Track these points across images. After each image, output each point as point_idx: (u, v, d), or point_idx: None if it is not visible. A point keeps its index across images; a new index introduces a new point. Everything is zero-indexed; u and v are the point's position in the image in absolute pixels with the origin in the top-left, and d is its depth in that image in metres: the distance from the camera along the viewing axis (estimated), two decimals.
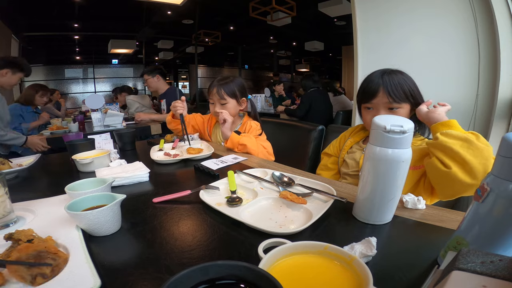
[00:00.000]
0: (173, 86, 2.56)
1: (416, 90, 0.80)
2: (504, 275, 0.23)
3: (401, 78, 0.79)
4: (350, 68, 6.27)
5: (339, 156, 0.99)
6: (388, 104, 0.79)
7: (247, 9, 4.14)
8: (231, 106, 1.24)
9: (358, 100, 0.89)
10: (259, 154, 1.09)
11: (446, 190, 0.66)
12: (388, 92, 0.77)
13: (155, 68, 2.47)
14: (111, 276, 0.38)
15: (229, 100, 1.22)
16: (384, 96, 0.78)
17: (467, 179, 0.59)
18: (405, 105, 0.79)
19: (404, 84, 0.79)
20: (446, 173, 0.62)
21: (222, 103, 1.23)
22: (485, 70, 1.70)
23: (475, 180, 0.58)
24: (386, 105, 0.79)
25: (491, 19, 1.62)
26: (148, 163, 0.89)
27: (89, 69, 8.24)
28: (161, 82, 2.47)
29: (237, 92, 1.24)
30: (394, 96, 0.77)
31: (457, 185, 0.61)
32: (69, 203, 0.49)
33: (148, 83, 2.48)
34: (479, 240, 0.35)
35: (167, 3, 3.09)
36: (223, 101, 1.22)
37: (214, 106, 1.25)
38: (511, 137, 0.31)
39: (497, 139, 1.59)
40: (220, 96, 1.22)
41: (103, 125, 2.26)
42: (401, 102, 0.78)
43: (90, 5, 4.73)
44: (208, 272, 0.26)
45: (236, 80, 1.26)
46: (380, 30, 2.10)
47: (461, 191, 0.63)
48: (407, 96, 0.78)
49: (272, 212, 0.57)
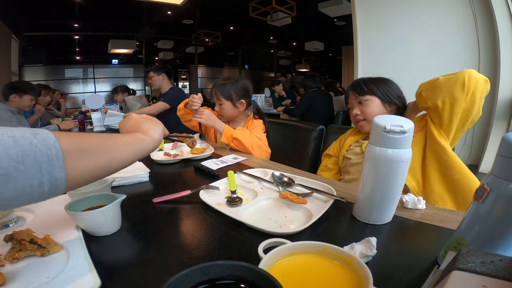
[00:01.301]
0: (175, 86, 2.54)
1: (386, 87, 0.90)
2: (504, 275, 0.23)
3: (367, 79, 0.93)
4: (350, 68, 6.27)
5: (339, 155, 1.00)
6: (356, 99, 0.93)
7: (247, 9, 4.14)
8: (227, 108, 1.26)
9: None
10: (253, 146, 1.09)
11: (438, 98, 0.70)
12: (353, 90, 0.94)
13: (161, 67, 2.48)
14: (111, 276, 0.38)
15: (224, 101, 1.25)
16: (352, 95, 0.94)
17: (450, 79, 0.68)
18: (370, 97, 0.90)
19: (369, 81, 0.92)
20: (433, 82, 0.71)
21: (219, 103, 1.26)
22: (485, 70, 1.70)
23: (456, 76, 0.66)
24: (356, 101, 0.93)
25: (491, 19, 1.62)
26: (148, 163, 0.89)
27: (89, 69, 8.23)
28: (166, 81, 2.47)
29: (233, 95, 1.24)
30: (357, 91, 0.92)
31: (444, 87, 0.68)
32: (69, 203, 0.49)
33: (152, 80, 2.48)
34: (479, 240, 0.35)
35: (167, 3, 3.09)
36: (219, 102, 1.26)
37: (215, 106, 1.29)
38: (511, 137, 0.31)
39: (497, 139, 1.59)
40: (216, 97, 1.26)
41: (103, 125, 2.26)
42: (365, 95, 0.90)
43: (90, 5, 4.73)
44: (208, 272, 0.26)
45: (237, 82, 1.26)
46: (380, 30, 2.11)
47: (449, 93, 0.68)
48: (372, 90, 0.90)
49: (272, 212, 0.57)
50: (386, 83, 0.91)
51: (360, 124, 0.94)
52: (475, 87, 0.63)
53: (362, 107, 0.91)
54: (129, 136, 0.45)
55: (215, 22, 6.20)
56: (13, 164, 0.27)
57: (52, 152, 0.30)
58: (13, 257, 0.40)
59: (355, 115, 0.93)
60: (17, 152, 0.27)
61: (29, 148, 0.28)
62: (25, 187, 0.28)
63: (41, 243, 0.41)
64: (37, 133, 0.30)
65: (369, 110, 0.90)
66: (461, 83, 0.64)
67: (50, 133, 0.31)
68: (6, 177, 0.27)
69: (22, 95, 2.00)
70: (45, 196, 0.31)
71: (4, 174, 0.26)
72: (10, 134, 0.28)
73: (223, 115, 1.28)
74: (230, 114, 1.27)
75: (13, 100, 1.99)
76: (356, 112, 0.93)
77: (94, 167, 0.36)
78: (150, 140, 0.48)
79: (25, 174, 0.28)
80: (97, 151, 0.37)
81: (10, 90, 1.98)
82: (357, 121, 0.94)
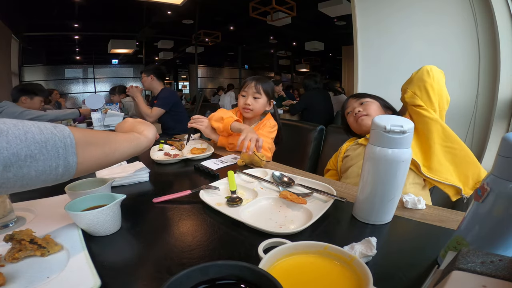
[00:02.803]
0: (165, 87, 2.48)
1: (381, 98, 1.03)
2: (504, 275, 0.23)
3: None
4: (350, 68, 6.27)
5: (337, 161, 1.02)
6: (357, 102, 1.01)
7: (247, 9, 4.14)
8: (262, 102, 1.24)
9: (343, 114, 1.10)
10: None
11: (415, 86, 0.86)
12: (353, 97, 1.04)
13: (151, 68, 2.45)
14: (111, 276, 0.38)
15: (263, 96, 1.23)
16: (352, 100, 1.03)
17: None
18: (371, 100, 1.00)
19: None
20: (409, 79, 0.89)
21: (256, 97, 1.23)
22: (485, 70, 1.70)
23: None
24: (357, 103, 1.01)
25: (491, 19, 1.61)
26: (148, 163, 0.89)
27: (89, 69, 8.24)
28: (155, 82, 2.41)
29: (270, 92, 1.26)
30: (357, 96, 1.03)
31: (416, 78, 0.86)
32: (69, 203, 0.49)
33: (142, 81, 2.47)
34: (479, 240, 0.35)
35: (167, 3, 3.09)
36: (258, 95, 1.23)
37: (245, 99, 1.24)
38: (511, 137, 0.31)
39: (497, 139, 1.59)
40: (256, 90, 1.22)
41: (103, 125, 2.26)
42: (366, 97, 1.01)
43: (90, 5, 4.74)
44: (208, 272, 0.26)
45: (271, 82, 1.29)
46: (380, 29, 2.10)
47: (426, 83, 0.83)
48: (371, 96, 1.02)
49: (272, 212, 0.57)
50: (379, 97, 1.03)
51: (361, 118, 0.96)
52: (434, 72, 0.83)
53: (364, 106, 0.98)
54: (127, 134, 0.55)
55: (215, 22, 6.20)
56: (38, 148, 0.34)
57: (67, 141, 0.37)
58: (13, 257, 0.40)
59: (357, 112, 0.97)
60: (42, 139, 0.34)
61: (51, 136, 0.35)
62: (45, 167, 0.35)
63: (41, 243, 0.41)
64: (56, 126, 0.37)
65: (370, 107, 0.97)
66: (426, 71, 0.83)
67: (65, 127, 0.39)
68: (33, 158, 0.33)
69: (32, 97, 2.04)
70: (59, 178, 0.37)
71: (32, 155, 0.33)
72: (36, 126, 0.35)
73: (255, 109, 1.24)
74: (260, 109, 1.25)
75: (24, 102, 2.02)
76: (358, 109, 0.98)
77: (99, 156, 0.44)
78: (145, 138, 0.59)
79: (46, 156, 0.34)
80: (102, 143, 0.46)
81: (20, 92, 2.01)
82: (359, 116, 0.97)
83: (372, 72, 2.18)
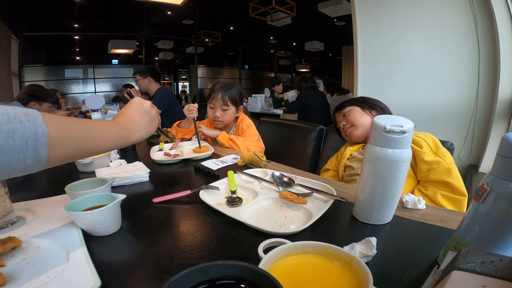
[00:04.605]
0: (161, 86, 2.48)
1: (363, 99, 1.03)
2: (504, 275, 0.23)
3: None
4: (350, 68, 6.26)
5: (339, 165, 1.01)
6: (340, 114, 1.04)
7: (247, 9, 4.14)
8: (231, 113, 1.26)
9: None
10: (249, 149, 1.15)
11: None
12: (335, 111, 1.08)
13: (147, 70, 2.41)
14: (111, 276, 0.38)
15: (231, 106, 1.24)
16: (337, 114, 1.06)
17: None
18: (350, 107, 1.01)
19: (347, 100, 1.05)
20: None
21: (224, 109, 1.24)
22: (485, 70, 1.70)
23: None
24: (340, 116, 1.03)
25: (491, 19, 1.62)
26: (148, 163, 0.89)
27: (89, 69, 8.22)
28: (152, 84, 2.40)
29: (238, 100, 1.26)
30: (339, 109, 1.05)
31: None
32: (69, 203, 0.49)
33: (138, 83, 2.44)
34: (479, 240, 0.35)
35: (167, 3, 3.09)
36: (225, 107, 1.23)
37: (214, 111, 1.26)
38: (511, 137, 0.31)
39: (497, 139, 1.59)
40: (224, 102, 1.23)
41: None
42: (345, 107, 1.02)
43: (90, 5, 4.73)
44: (208, 272, 0.26)
45: (237, 87, 1.28)
46: (380, 30, 2.10)
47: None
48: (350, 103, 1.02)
49: (272, 212, 0.57)
50: (361, 98, 1.04)
51: (348, 131, 0.98)
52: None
53: (346, 117, 1.00)
54: (112, 132, 0.48)
55: (215, 22, 6.19)
56: (4, 138, 0.31)
57: (39, 131, 0.34)
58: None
59: (342, 126, 1.00)
60: (9, 128, 0.31)
61: (19, 126, 0.32)
62: (12, 159, 0.32)
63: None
64: (28, 113, 0.34)
65: (352, 117, 0.98)
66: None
67: (39, 114, 0.35)
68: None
69: (41, 103, 2.04)
70: (28, 169, 0.35)
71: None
72: (5, 113, 0.32)
73: (224, 120, 1.26)
74: (231, 119, 1.28)
75: (33, 107, 2.02)
76: (343, 123, 1.01)
77: (73, 151, 0.41)
78: (131, 141, 0.53)
79: (13, 148, 0.32)
80: (78, 140, 0.41)
81: (30, 98, 2.02)
82: (345, 130, 0.99)
83: (372, 72, 2.18)
